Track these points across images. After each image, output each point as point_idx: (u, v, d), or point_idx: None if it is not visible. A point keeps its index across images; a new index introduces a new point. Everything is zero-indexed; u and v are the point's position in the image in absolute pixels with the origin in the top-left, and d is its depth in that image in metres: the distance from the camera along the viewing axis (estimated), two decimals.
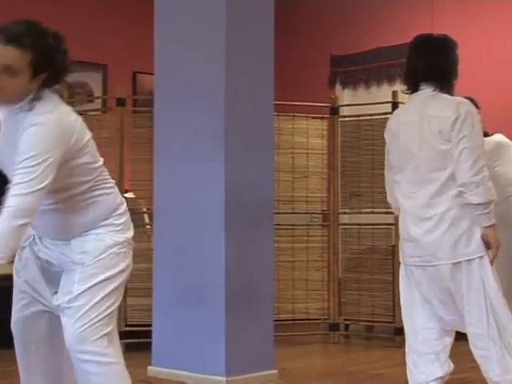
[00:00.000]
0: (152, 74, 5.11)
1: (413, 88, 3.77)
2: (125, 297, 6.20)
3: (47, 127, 2.72)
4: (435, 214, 3.55)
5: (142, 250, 6.18)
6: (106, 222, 2.97)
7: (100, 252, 2.93)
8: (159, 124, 4.99)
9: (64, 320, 2.89)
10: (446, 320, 3.65)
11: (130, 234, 3.10)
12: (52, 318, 3.00)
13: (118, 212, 3.02)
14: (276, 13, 4.89)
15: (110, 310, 2.96)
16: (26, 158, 2.66)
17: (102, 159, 2.99)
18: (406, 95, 3.88)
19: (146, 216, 6.67)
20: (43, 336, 3.04)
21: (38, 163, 2.65)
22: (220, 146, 4.61)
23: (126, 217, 3.08)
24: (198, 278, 4.68)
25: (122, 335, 6.23)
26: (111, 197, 3.00)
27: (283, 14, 5.61)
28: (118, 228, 3.01)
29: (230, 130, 4.64)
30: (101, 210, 2.95)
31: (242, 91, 4.72)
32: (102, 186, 2.96)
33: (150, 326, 5.05)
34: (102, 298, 2.92)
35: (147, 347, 5.01)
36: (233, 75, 4.67)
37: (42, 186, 2.67)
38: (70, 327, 2.86)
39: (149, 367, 4.86)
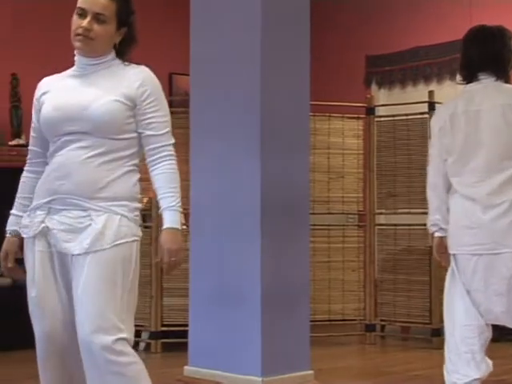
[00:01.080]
0: (188, 74, 5.12)
1: (469, 78, 3.76)
2: (161, 297, 6.24)
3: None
4: (504, 201, 3.55)
5: None
6: (128, 203, 2.93)
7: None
8: (195, 125, 5.00)
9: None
10: (495, 312, 3.61)
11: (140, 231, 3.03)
12: None
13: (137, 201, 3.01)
14: (312, 13, 4.88)
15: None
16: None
17: None
18: (448, 92, 3.84)
19: (182, 216, 6.70)
20: None
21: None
22: (256, 146, 4.61)
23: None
24: (234, 278, 4.68)
25: (159, 335, 6.30)
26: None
27: (319, 14, 5.59)
28: (137, 217, 2.98)
29: (266, 131, 4.63)
30: (130, 183, 2.97)
31: (277, 92, 4.71)
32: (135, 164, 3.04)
33: (186, 326, 5.06)
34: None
35: (183, 347, 5.02)
36: (268, 75, 4.66)
37: None
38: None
39: (185, 367, 4.87)
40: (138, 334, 6.21)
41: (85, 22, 2.90)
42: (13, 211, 3.11)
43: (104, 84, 2.93)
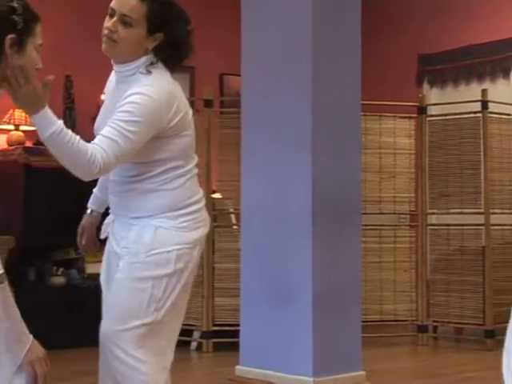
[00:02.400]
0: (239, 75, 5.14)
1: None
2: (212, 297, 6.26)
3: (151, 99, 2.71)
4: None
5: (230, 250, 6.23)
6: (168, 214, 2.83)
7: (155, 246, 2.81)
8: (246, 125, 5.01)
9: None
10: None
11: (197, 234, 2.90)
12: None
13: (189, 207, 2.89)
14: (363, 11, 4.86)
15: None
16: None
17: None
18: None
19: (233, 216, 6.72)
20: None
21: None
22: (307, 146, 4.61)
23: (197, 215, 2.91)
24: (285, 278, 4.68)
25: (210, 334, 6.32)
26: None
27: (370, 13, 5.57)
28: (183, 224, 2.85)
29: (317, 131, 4.63)
30: (166, 196, 2.84)
31: (328, 91, 4.70)
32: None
33: (237, 325, 5.08)
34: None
35: (234, 347, 5.04)
36: (320, 75, 4.66)
37: None
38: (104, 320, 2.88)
39: (236, 367, 4.88)
40: (189, 333, 6.25)
41: (110, 23, 2.78)
42: (94, 190, 3.18)
43: (120, 96, 2.79)
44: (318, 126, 4.63)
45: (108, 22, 2.80)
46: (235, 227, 6.52)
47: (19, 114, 6.47)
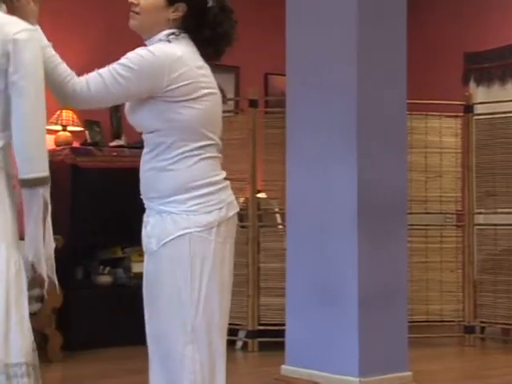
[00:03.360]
0: (283, 75, 5.14)
1: None
2: (258, 296, 6.28)
3: (152, 55, 2.72)
4: None
5: (275, 249, 6.24)
6: (178, 197, 2.76)
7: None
8: (291, 124, 5.01)
9: None
10: None
11: (211, 217, 2.79)
12: None
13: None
14: (408, 9, 4.83)
15: None
16: None
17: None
18: None
19: (278, 216, 6.73)
20: None
21: None
22: (352, 145, 4.59)
23: (210, 197, 2.81)
24: (331, 277, 4.67)
25: (255, 334, 6.33)
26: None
27: (416, 11, 5.54)
28: (194, 208, 2.77)
29: (363, 130, 4.61)
30: (177, 176, 2.78)
31: (374, 90, 4.68)
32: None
33: (282, 325, 5.08)
34: None
35: (280, 346, 5.04)
36: (365, 74, 4.64)
37: None
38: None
39: (282, 366, 4.88)
40: (235, 332, 6.26)
41: None
42: None
43: None
44: (363, 126, 4.61)
45: None
46: (280, 227, 6.53)
47: (67, 114, 6.54)
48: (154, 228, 2.78)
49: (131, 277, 6.47)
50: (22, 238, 2.63)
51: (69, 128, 6.61)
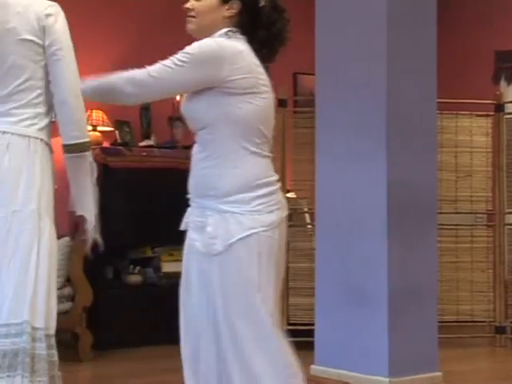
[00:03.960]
0: (312, 74, 5.13)
1: None
2: (287, 296, 6.27)
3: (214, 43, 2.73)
4: None
5: (304, 249, 6.23)
6: (240, 196, 2.72)
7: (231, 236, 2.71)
8: (320, 124, 5.01)
9: None
10: None
11: (274, 216, 2.78)
12: None
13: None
14: (438, 8, 4.81)
15: None
16: None
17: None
18: None
19: (307, 216, 6.72)
20: None
21: None
22: (382, 145, 4.58)
23: (270, 197, 2.78)
24: (360, 277, 4.66)
25: (285, 334, 6.32)
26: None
27: (446, 9, 5.51)
28: (258, 208, 2.74)
29: (392, 129, 4.60)
30: (239, 176, 2.73)
31: (404, 90, 4.66)
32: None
33: (311, 325, 5.07)
34: None
35: (309, 346, 5.03)
36: (395, 74, 4.63)
37: None
38: None
39: (311, 366, 4.88)
40: None
41: (187, 4, 2.86)
42: None
43: None
44: (393, 125, 4.60)
45: (184, 5, 2.88)
46: (309, 226, 6.52)
47: (97, 114, 6.58)
48: (216, 228, 2.71)
49: (161, 276, 6.49)
50: None
51: (99, 128, 6.64)
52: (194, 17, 2.85)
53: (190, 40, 2.82)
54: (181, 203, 3.09)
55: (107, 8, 6.82)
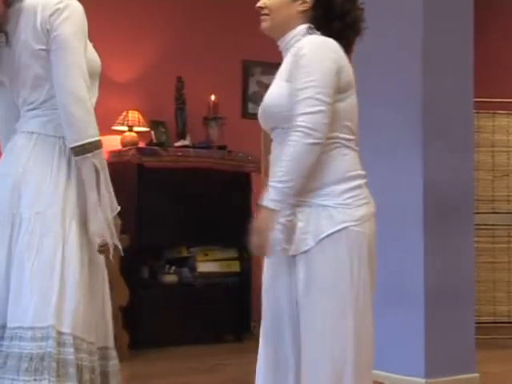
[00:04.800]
0: None
1: None
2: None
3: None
4: None
5: None
6: (332, 189, 2.67)
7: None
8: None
9: None
10: None
11: (363, 210, 2.74)
12: None
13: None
14: (475, 6, 4.77)
15: None
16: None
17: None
18: None
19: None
20: None
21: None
22: (418, 145, 4.56)
23: (359, 191, 2.75)
24: (397, 277, 4.64)
25: None
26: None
27: (483, 7, 5.47)
28: (348, 201, 2.69)
29: (429, 129, 4.57)
30: (330, 167, 2.70)
31: (440, 89, 4.64)
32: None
33: None
34: None
35: None
36: (430, 73, 4.60)
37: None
38: None
39: None
40: None
41: (258, 3, 2.83)
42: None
43: (284, 68, 2.76)
44: (429, 125, 4.57)
45: (256, 4, 2.84)
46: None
47: (132, 115, 6.61)
48: (307, 224, 2.62)
49: (196, 276, 6.50)
50: None
51: (135, 128, 6.68)
52: (267, 14, 2.81)
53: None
54: (215, 203, 3.11)
55: (143, 11, 6.86)
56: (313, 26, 2.78)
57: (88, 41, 2.71)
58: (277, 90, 2.72)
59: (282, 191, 2.56)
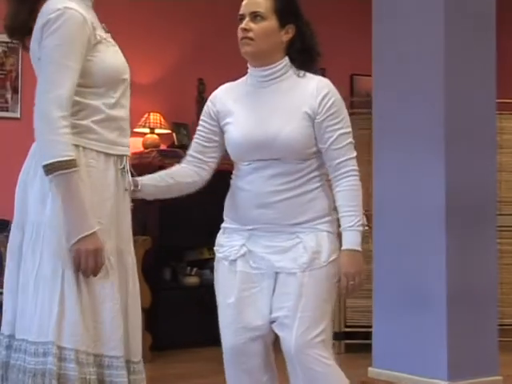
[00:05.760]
0: (369, 75, 5.11)
1: None
2: (344, 298, 6.24)
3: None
4: None
5: (361, 250, 6.19)
6: (330, 217, 2.95)
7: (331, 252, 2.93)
8: (378, 125, 4.98)
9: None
10: None
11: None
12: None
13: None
14: (498, 7, 4.75)
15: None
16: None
17: None
18: None
19: (364, 217, 6.68)
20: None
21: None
22: (440, 146, 4.54)
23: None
24: (419, 279, 4.63)
25: (342, 336, 6.31)
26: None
27: (506, 8, 5.43)
28: (335, 229, 2.99)
29: (450, 130, 4.55)
30: (326, 198, 2.97)
31: (462, 90, 4.62)
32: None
33: (369, 327, 5.05)
34: None
35: (366, 348, 5.01)
36: (452, 74, 4.58)
37: None
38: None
39: (369, 368, 4.86)
40: None
41: (243, 24, 2.88)
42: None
43: (284, 103, 2.87)
44: (451, 126, 4.55)
45: (241, 26, 2.90)
46: (366, 228, 6.48)
47: (154, 117, 6.63)
48: (318, 245, 2.87)
49: None
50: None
51: (156, 131, 6.69)
52: (251, 39, 2.86)
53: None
54: None
55: (161, 16, 6.88)
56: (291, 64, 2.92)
57: (106, 47, 2.62)
58: (298, 130, 2.84)
59: (362, 233, 2.96)
